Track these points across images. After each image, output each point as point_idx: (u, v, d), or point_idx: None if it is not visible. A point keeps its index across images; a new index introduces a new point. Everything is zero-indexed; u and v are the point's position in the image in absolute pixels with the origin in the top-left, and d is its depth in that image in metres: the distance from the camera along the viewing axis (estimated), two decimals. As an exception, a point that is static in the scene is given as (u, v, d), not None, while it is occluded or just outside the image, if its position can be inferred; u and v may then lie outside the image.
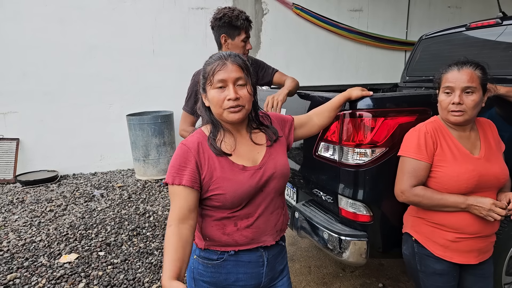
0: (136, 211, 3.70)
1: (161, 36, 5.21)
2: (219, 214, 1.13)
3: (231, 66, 1.09)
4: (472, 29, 2.66)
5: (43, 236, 3.17)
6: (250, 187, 1.11)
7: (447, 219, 1.42)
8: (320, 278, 2.55)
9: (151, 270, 2.63)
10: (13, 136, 4.75)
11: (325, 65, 6.20)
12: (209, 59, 1.15)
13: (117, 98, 5.15)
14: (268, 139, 1.22)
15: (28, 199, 4.08)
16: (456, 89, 1.38)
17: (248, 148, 1.18)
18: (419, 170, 1.44)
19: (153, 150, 4.76)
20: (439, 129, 1.47)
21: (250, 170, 1.13)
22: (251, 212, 1.14)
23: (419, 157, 1.43)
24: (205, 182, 1.10)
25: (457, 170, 1.39)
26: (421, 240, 1.50)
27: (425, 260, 1.48)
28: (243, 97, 1.10)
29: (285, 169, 1.21)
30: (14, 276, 2.53)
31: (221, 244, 1.15)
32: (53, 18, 4.67)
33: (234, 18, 1.87)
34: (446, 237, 1.43)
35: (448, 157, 1.42)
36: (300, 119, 1.42)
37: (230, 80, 1.09)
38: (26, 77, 4.69)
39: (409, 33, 6.67)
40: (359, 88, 1.61)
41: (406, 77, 3.29)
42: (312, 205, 2.08)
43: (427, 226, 1.48)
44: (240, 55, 1.15)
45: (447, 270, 1.45)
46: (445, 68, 1.46)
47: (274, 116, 1.33)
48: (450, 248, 1.43)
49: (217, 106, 1.10)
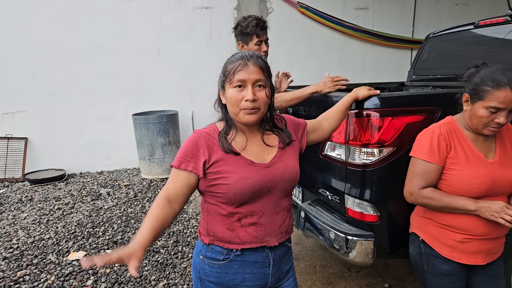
0: (142, 210, 3.73)
1: (166, 36, 5.23)
2: (223, 210, 1.14)
3: (252, 67, 1.09)
4: (481, 27, 2.63)
5: (51, 233, 3.21)
6: (255, 182, 1.10)
7: (456, 220, 1.41)
8: (326, 277, 2.55)
9: (157, 268, 2.65)
10: (21, 135, 4.81)
11: (330, 64, 6.18)
12: (231, 57, 1.15)
13: (122, 97, 5.18)
14: (281, 141, 1.22)
15: (37, 197, 4.13)
16: (505, 110, 1.29)
17: (258, 148, 1.18)
18: (429, 172, 1.42)
19: (158, 149, 4.79)
20: (454, 131, 1.43)
21: (258, 166, 1.13)
22: (255, 209, 1.14)
23: (431, 159, 1.41)
24: (209, 171, 1.11)
25: (470, 174, 1.36)
26: (428, 240, 1.49)
27: (432, 260, 1.47)
28: (260, 99, 1.11)
29: (294, 173, 1.19)
30: (24, 273, 2.57)
31: (225, 241, 1.16)
32: (60, 19, 4.71)
33: (245, 26, 2.06)
34: (454, 238, 1.42)
35: (461, 160, 1.39)
36: (313, 124, 1.41)
37: (249, 81, 1.09)
38: (34, 77, 4.74)
39: (416, 31, 6.61)
40: (366, 88, 1.60)
41: (413, 76, 3.27)
42: (318, 204, 2.08)
43: (434, 226, 1.47)
44: (262, 56, 1.15)
45: (454, 271, 1.44)
46: (495, 82, 1.29)
47: (288, 119, 1.32)
48: (457, 249, 1.42)
49: (234, 105, 1.11)
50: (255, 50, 2.10)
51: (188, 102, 5.43)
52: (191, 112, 5.51)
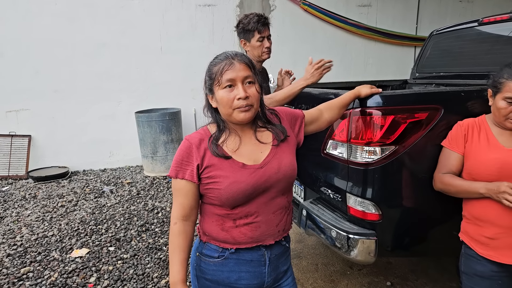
0: (145, 207, 3.74)
1: (168, 34, 5.23)
2: (217, 211, 1.14)
3: (238, 65, 1.08)
4: (485, 24, 2.61)
5: (55, 231, 3.23)
6: (247, 185, 1.09)
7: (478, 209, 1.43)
8: (328, 275, 2.55)
9: (159, 266, 2.66)
10: (25, 132, 4.84)
11: (333, 61, 6.15)
12: (215, 60, 1.13)
13: (125, 95, 5.19)
14: (275, 138, 1.19)
15: (40, 195, 4.15)
16: None
17: (251, 147, 1.16)
18: (449, 159, 1.53)
19: (161, 147, 4.80)
20: (479, 125, 1.50)
21: (250, 168, 1.11)
22: (250, 211, 1.13)
23: (450, 147, 1.54)
24: (202, 176, 1.11)
25: (484, 158, 1.42)
26: (466, 240, 1.49)
27: (468, 261, 1.47)
28: (252, 96, 1.10)
29: (290, 170, 1.17)
30: (27, 270, 2.59)
31: (220, 240, 1.16)
32: (63, 16, 4.73)
33: (246, 23, 2.10)
34: (485, 234, 1.41)
35: (479, 148, 1.44)
36: (312, 115, 1.38)
37: (238, 79, 1.08)
38: (37, 75, 4.76)
39: (419, 29, 6.57)
40: (368, 86, 1.59)
41: (416, 74, 3.25)
42: (320, 203, 2.08)
43: (468, 224, 1.49)
44: (245, 54, 1.15)
45: (488, 274, 1.41)
46: (509, 73, 1.37)
47: (284, 112, 1.29)
48: (491, 246, 1.40)
49: (227, 106, 1.09)
50: (257, 46, 2.13)
51: (191, 100, 5.42)
52: (193, 110, 5.51)
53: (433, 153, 1.62)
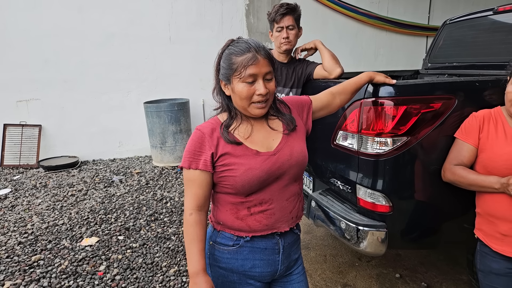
0: (154, 197, 3.77)
1: (177, 24, 5.19)
2: (232, 199, 1.14)
3: (262, 61, 1.07)
4: (500, 13, 2.52)
5: (65, 219, 3.28)
6: (261, 172, 1.10)
7: (487, 203, 1.41)
8: (336, 267, 2.55)
9: (168, 255, 2.69)
10: (35, 122, 4.90)
11: (343, 51, 5.99)
12: (235, 48, 1.09)
13: (134, 85, 5.20)
14: (286, 127, 1.20)
15: (51, 184, 4.21)
16: None
17: (263, 134, 1.17)
18: (461, 150, 1.50)
19: (169, 137, 4.81)
20: (494, 116, 1.46)
21: (264, 155, 1.12)
22: (264, 198, 1.14)
23: (463, 138, 1.50)
24: (217, 164, 1.10)
25: (497, 152, 1.38)
26: (482, 236, 1.47)
27: (484, 258, 1.45)
28: (271, 92, 1.11)
29: (301, 156, 1.18)
30: (38, 258, 2.63)
31: (235, 229, 1.16)
32: (72, 6, 4.72)
33: (270, 13, 2.18)
34: (499, 230, 1.38)
35: (492, 141, 1.41)
36: (321, 101, 1.36)
37: (260, 75, 1.08)
38: (47, 65, 4.79)
39: (432, 18, 6.43)
40: (383, 75, 1.55)
41: (428, 64, 3.18)
42: (329, 194, 2.07)
43: (483, 220, 1.46)
44: (265, 47, 1.12)
45: (504, 271, 1.38)
46: None
47: (291, 101, 1.29)
48: (505, 242, 1.37)
49: (245, 100, 1.09)
50: (276, 37, 2.18)
51: (200, 90, 5.41)
52: (202, 100, 5.51)
53: (445, 145, 1.59)
